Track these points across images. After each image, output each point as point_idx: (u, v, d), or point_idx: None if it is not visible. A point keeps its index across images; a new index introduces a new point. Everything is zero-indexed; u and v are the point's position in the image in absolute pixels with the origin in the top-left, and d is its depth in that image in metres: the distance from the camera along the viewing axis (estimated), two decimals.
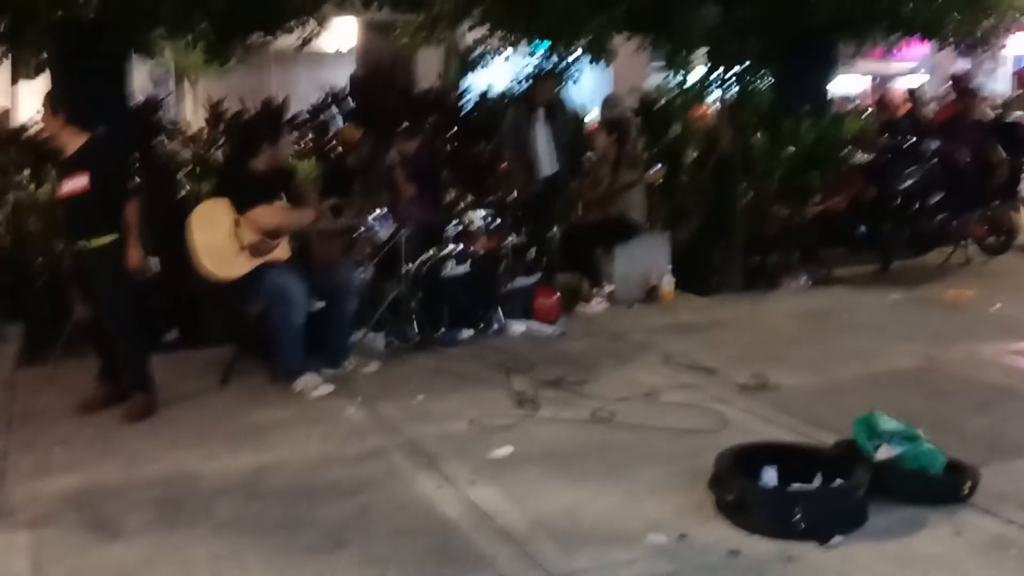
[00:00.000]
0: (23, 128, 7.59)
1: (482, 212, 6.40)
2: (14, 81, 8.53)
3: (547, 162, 7.44)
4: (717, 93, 9.35)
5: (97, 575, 3.11)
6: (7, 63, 8.11)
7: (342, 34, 14.44)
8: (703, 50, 9.31)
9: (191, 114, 15.35)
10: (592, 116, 9.53)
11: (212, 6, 5.75)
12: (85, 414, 4.73)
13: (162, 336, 6.06)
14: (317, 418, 4.66)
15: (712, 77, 9.13)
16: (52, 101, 4.63)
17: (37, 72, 7.77)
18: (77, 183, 4.52)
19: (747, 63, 8.92)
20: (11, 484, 3.88)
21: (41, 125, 5.42)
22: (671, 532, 3.27)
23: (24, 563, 3.19)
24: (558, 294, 6.58)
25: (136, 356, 4.78)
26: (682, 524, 3.32)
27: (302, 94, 11.63)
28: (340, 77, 11.77)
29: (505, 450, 4.12)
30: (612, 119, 7.76)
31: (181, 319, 6.31)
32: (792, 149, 7.66)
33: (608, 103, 8.75)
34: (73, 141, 4.60)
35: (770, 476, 3.49)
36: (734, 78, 9.05)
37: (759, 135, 7.84)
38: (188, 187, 6.87)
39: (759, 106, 8.55)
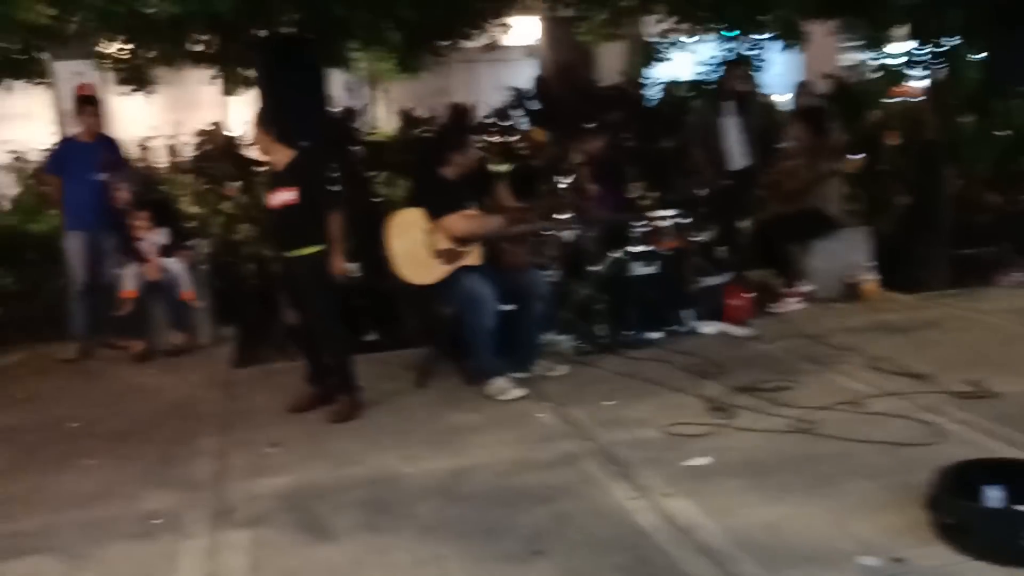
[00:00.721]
0: (234, 141, 8.12)
1: (670, 209, 6.29)
2: (226, 95, 9.12)
3: (738, 154, 7.22)
4: (919, 73, 8.77)
5: (309, 575, 3.27)
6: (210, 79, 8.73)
7: (524, 31, 14.61)
8: (902, 28, 8.75)
9: (384, 120, 15.95)
10: (785, 104, 9.16)
11: (402, 17, 5.91)
12: (294, 415, 4.99)
13: (363, 337, 6.32)
14: (509, 422, 4.72)
15: (913, 56, 8.55)
16: (262, 118, 4.91)
17: (243, 88, 8.28)
18: (287, 196, 4.78)
19: (954, 39, 8.30)
20: (230, 483, 4.15)
21: (251, 139, 5.78)
22: (884, 554, 3.08)
23: (244, 561, 3.40)
24: (751, 293, 6.36)
25: (341, 360, 5.00)
26: (896, 546, 3.13)
27: (486, 92, 11.83)
28: (523, 74, 11.90)
29: (700, 460, 4.02)
30: (807, 106, 7.42)
31: (381, 321, 6.56)
32: (1007, 132, 7.08)
33: (802, 90, 8.37)
34: (283, 156, 4.87)
35: (995, 496, 3.22)
36: (938, 56, 8.45)
37: (967, 117, 7.29)
38: (384, 191, 7.12)
39: (967, 85, 7.94)
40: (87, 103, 6.78)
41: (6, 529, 3.78)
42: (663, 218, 6.16)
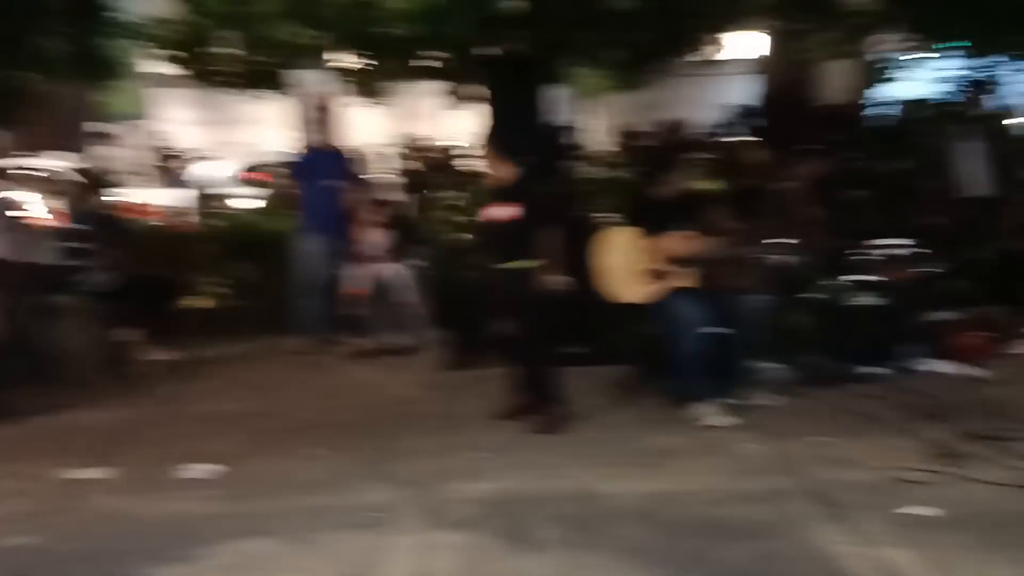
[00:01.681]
0: (452, 154, 8.46)
1: (900, 237, 5.95)
2: (453, 109, 9.48)
3: (978, 181, 6.74)
4: None
5: None
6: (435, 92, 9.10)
7: (741, 46, 14.26)
8: None
9: (597, 135, 16.07)
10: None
11: (629, 37, 5.95)
12: (503, 422, 5.11)
13: (571, 351, 6.38)
14: (714, 448, 4.63)
15: None
16: (490, 135, 5.07)
17: (465, 103, 8.59)
18: (508, 212, 4.92)
19: None
20: (443, 484, 4.30)
21: (469, 152, 6.01)
22: None
23: (455, 562, 3.52)
24: (986, 332, 5.91)
25: (549, 371, 5.09)
26: None
27: (701, 107, 11.64)
28: (739, 89, 11.61)
29: (923, 509, 3.77)
30: None
31: (587, 335, 6.61)
32: None
33: None
34: (507, 173, 5.01)
35: None
36: None
37: None
38: (597, 207, 7.17)
39: None
40: (325, 113, 7.28)
41: (238, 509, 4.10)
42: (891, 246, 5.84)
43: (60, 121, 12.30)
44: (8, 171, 7.73)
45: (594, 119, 18.69)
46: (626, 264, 5.08)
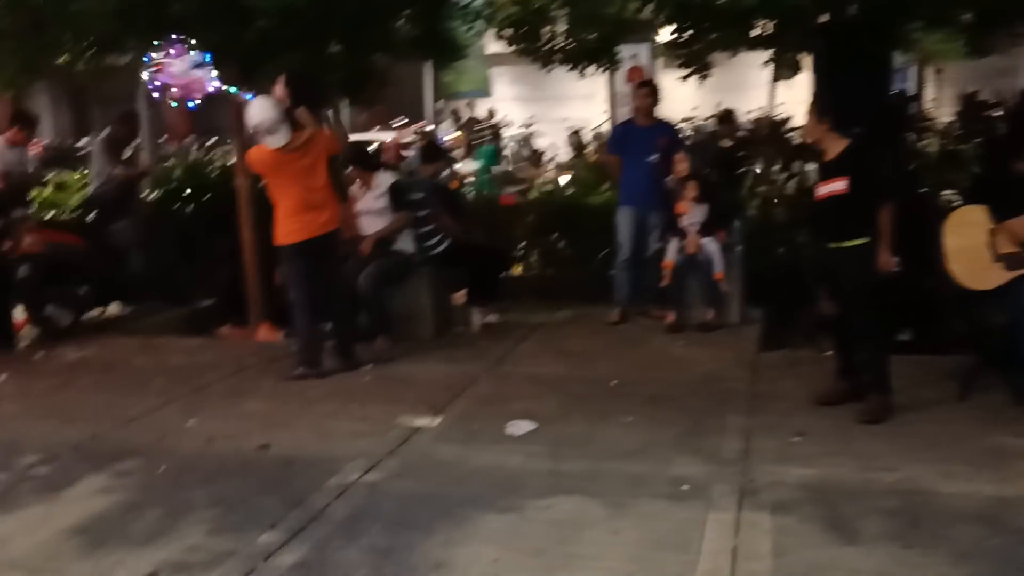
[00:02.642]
0: (781, 125, 8.16)
1: None
2: (775, 80, 9.18)
3: None
4: None
5: (833, 574, 3.22)
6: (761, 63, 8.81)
7: None
8: None
9: (935, 104, 14.79)
10: None
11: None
12: (821, 407, 4.92)
13: (897, 336, 6.00)
14: None
15: None
16: (817, 106, 4.85)
17: (794, 73, 8.26)
18: (836, 186, 4.70)
19: None
20: (755, 464, 4.23)
21: (803, 127, 5.75)
22: None
23: (767, 545, 3.45)
24: None
25: (876, 357, 4.82)
26: None
27: None
28: None
29: None
30: None
31: (918, 321, 6.17)
32: None
33: None
34: (836, 145, 4.78)
35: None
36: None
37: None
38: (941, 184, 6.63)
39: None
40: (646, 87, 7.31)
41: (557, 468, 4.28)
42: None
43: (404, 99, 13.40)
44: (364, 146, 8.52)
45: (937, 88, 17.23)
46: (974, 246, 4.65)
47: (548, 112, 20.41)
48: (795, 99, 15.47)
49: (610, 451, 4.47)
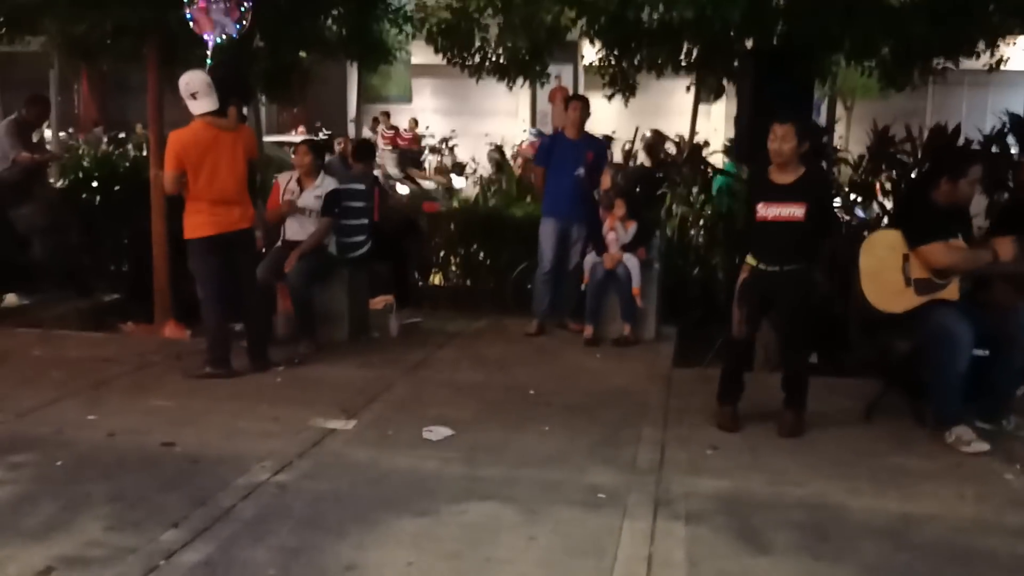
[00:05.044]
0: (701, 149, 8.32)
1: None
2: (697, 104, 9.36)
3: None
4: None
5: None
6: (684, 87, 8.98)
7: (1016, 52, 13.10)
8: None
9: (846, 138, 15.35)
10: None
11: (905, 32, 5.60)
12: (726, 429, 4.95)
13: (819, 358, 6.12)
14: (969, 476, 4.29)
15: None
16: (798, 128, 4.83)
17: (717, 98, 8.44)
18: (792, 211, 4.77)
19: None
20: (669, 475, 4.26)
21: (716, 149, 5.86)
22: None
23: (681, 554, 3.47)
24: None
25: (803, 376, 4.94)
26: None
27: (962, 117, 10.79)
28: (1007, 100, 10.67)
29: None
30: None
31: (825, 343, 6.32)
32: None
33: None
34: (794, 171, 4.81)
35: None
36: None
37: None
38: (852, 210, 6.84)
39: None
40: (577, 100, 7.35)
41: (473, 473, 4.24)
42: None
43: (326, 100, 13.25)
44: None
45: (847, 125, 17.88)
46: (887, 270, 4.79)
47: (469, 126, 20.48)
48: (711, 127, 15.93)
49: (526, 458, 4.44)
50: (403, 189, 12.56)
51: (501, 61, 8.11)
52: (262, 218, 6.63)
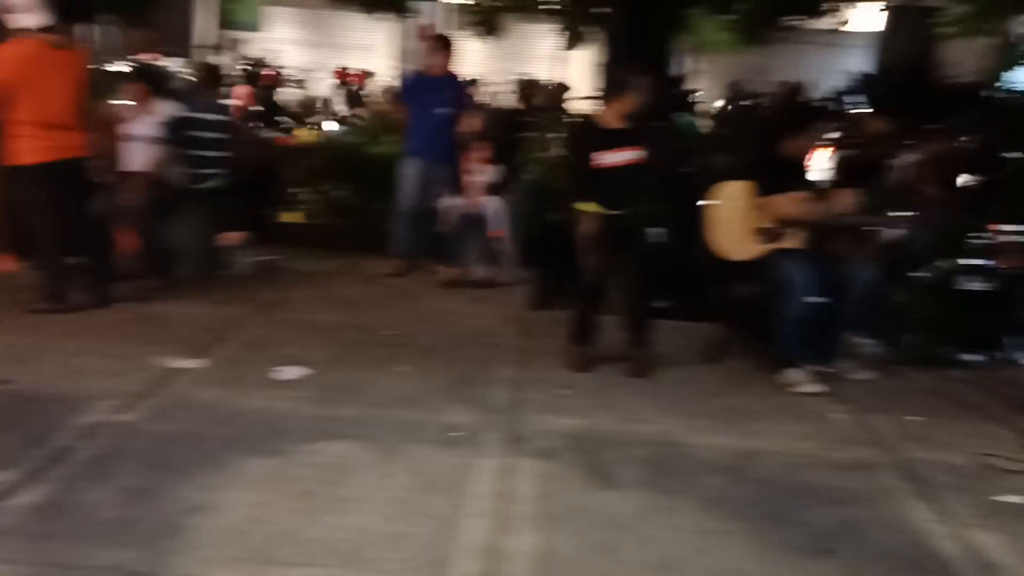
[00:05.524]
0: (562, 95, 8.37)
1: (1016, 224, 5.71)
2: (564, 50, 9.36)
3: None
4: None
5: (593, 516, 3.35)
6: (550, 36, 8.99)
7: (863, 16, 13.76)
8: None
9: (706, 90, 15.74)
10: None
11: None
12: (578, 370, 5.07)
13: (666, 303, 6.30)
14: (802, 415, 4.57)
15: None
16: (606, 79, 4.93)
17: (580, 45, 8.47)
18: (629, 156, 4.84)
19: None
20: (522, 414, 4.34)
21: (580, 95, 5.90)
22: None
23: (532, 489, 3.55)
24: None
25: (647, 317, 5.07)
26: None
27: (808, 76, 11.28)
28: (847, 61, 11.20)
29: (1014, 498, 3.68)
30: None
31: (675, 288, 6.52)
32: None
33: None
34: (626, 118, 4.89)
35: None
36: None
37: None
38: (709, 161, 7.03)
39: None
40: (439, 41, 7.23)
41: (328, 413, 4.19)
42: (1009, 233, 5.61)
43: (172, 26, 12.55)
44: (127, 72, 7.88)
45: (705, 78, 18.31)
46: (735, 220, 4.97)
47: (329, 60, 19.85)
48: (575, 72, 16.07)
49: (381, 399, 4.42)
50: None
51: None
52: (98, 146, 6.24)
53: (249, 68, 16.78)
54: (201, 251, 6.66)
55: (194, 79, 7.22)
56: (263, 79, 15.86)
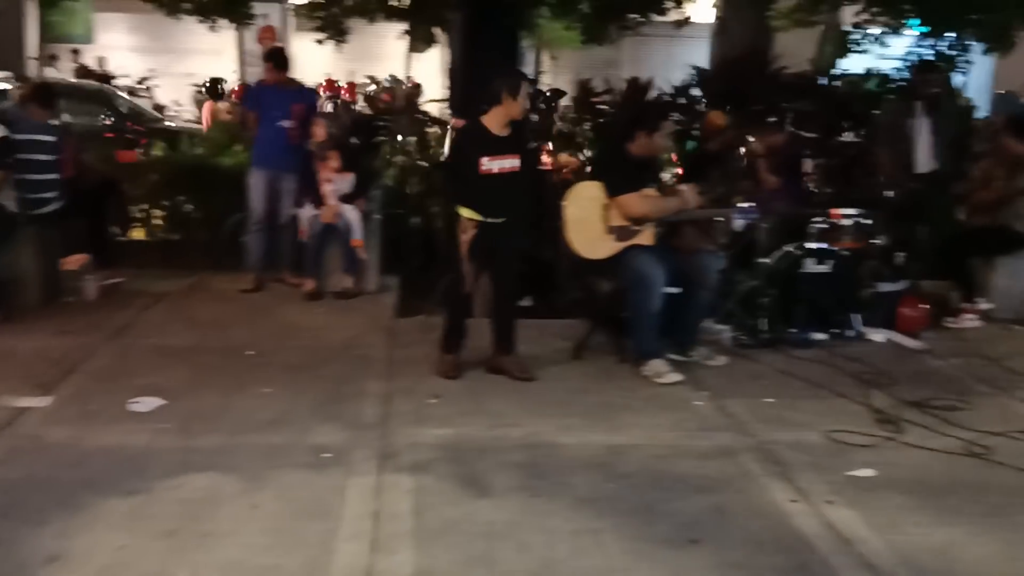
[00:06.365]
0: (415, 97, 8.33)
1: (851, 208, 6.07)
2: (410, 52, 9.32)
3: (925, 158, 6.89)
4: None
5: (468, 528, 3.36)
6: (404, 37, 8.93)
7: (699, 7, 14.28)
8: None
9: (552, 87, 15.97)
10: (980, 110, 8.66)
11: None
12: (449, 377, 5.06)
13: (529, 303, 6.37)
14: (666, 406, 4.70)
15: None
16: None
17: (428, 46, 8.45)
18: (513, 163, 4.87)
19: None
20: (394, 427, 4.30)
21: (432, 97, 5.89)
22: None
23: (407, 505, 3.52)
24: (926, 304, 6.09)
25: (516, 319, 5.12)
26: None
27: (657, 68, 11.64)
28: (693, 52, 11.61)
29: (865, 472, 3.91)
30: (1015, 116, 6.96)
31: (537, 287, 6.62)
32: None
33: (1004, 98, 7.89)
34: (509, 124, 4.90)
35: None
36: None
37: None
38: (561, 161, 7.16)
39: None
40: (274, 56, 7.05)
41: (188, 444, 4.04)
42: (844, 216, 5.96)
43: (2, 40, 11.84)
44: None
45: (553, 75, 18.59)
46: (589, 219, 5.07)
47: (171, 66, 19.12)
48: (426, 72, 16.03)
49: (246, 424, 4.30)
50: None
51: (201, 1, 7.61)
52: None
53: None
54: (42, 278, 6.30)
55: (21, 98, 6.78)
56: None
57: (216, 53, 20.76)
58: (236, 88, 14.12)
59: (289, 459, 3.90)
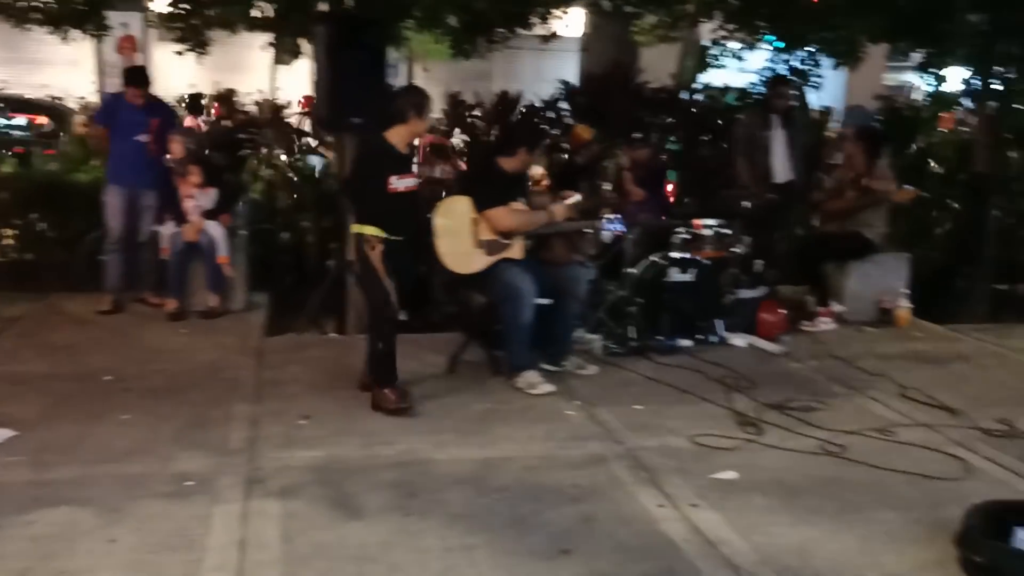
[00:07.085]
0: (281, 110, 8.17)
1: (712, 218, 6.29)
2: (276, 63, 9.14)
3: (781, 169, 7.22)
4: (970, 104, 8.67)
5: (339, 552, 3.30)
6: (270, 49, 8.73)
7: (566, 21, 14.52)
8: (957, 54, 8.64)
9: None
10: (832, 122, 9.12)
11: (466, 3, 5.92)
12: (327, 389, 4.98)
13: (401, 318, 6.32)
14: (538, 416, 4.74)
15: (969, 85, 8.47)
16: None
17: (294, 58, 8.30)
18: (414, 181, 4.88)
19: (1011, 72, 8.21)
20: (262, 451, 4.19)
21: (298, 111, 5.79)
22: None
23: (275, 532, 3.44)
24: (784, 309, 6.36)
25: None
26: None
27: (527, 81, 11.78)
28: (566, 66, 11.83)
29: (728, 474, 4.04)
30: (864, 128, 7.36)
31: (410, 302, 6.57)
32: None
33: (854, 111, 8.34)
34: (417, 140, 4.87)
35: None
36: (994, 88, 8.36)
37: (1018, 152, 7.23)
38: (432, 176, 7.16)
39: (1019, 119, 7.85)
40: (132, 74, 6.79)
41: (41, 478, 3.83)
42: (705, 227, 6.16)
43: None
44: None
45: (425, 87, 18.57)
46: (459, 234, 5.08)
47: (24, 77, 18.16)
48: (294, 84, 15.75)
49: (103, 454, 4.11)
50: None
51: (51, 10, 7.25)
52: None
53: None
54: None
55: None
56: None
57: (73, 64, 19.88)
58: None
59: (149, 489, 3.74)
